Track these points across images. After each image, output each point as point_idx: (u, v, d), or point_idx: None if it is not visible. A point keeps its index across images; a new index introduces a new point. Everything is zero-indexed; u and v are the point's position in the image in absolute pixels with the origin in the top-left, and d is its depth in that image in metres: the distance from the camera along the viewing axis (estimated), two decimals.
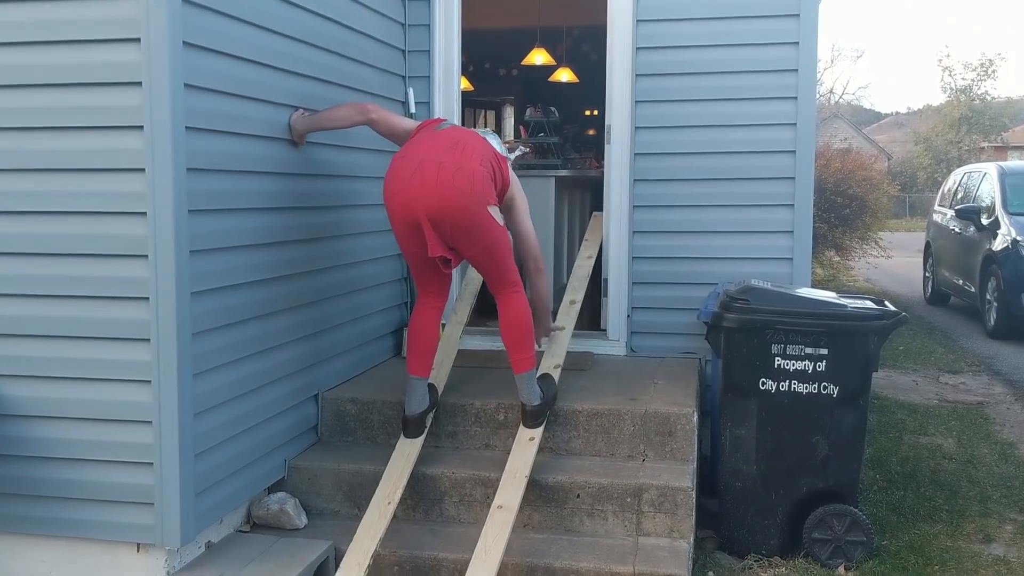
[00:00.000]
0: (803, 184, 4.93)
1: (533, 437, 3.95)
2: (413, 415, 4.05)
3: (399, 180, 3.71)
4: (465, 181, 3.66)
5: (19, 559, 3.53)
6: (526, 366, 3.98)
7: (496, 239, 3.80)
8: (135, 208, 3.24)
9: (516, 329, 3.97)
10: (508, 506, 3.60)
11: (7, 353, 3.38)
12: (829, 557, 3.96)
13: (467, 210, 3.66)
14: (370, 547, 3.52)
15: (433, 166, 3.67)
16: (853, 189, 12.41)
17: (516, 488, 3.69)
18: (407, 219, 3.70)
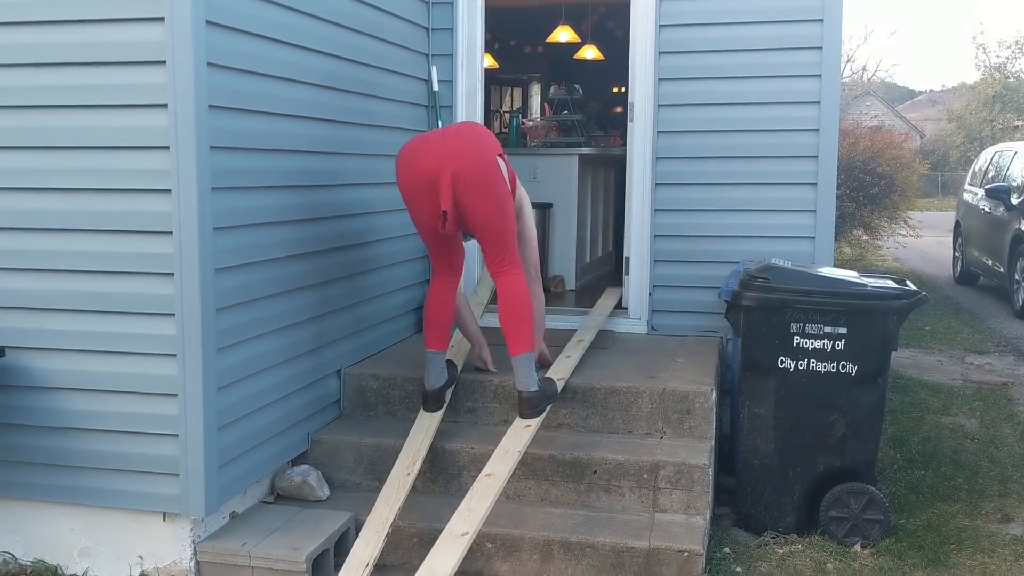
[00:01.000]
0: (826, 162, 4.91)
1: (529, 425, 3.88)
2: (433, 389, 4.10)
3: (410, 148, 3.85)
4: (473, 135, 3.84)
5: (50, 527, 3.63)
6: (524, 346, 3.88)
7: (504, 198, 3.84)
8: (160, 185, 3.30)
9: (514, 309, 3.90)
10: (496, 474, 3.60)
11: (37, 327, 3.47)
12: (846, 535, 3.97)
13: (478, 157, 3.75)
14: (388, 516, 3.56)
15: (439, 134, 3.89)
16: (882, 168, 12.27)
17: (506, 461, 3.66)
18: (422, 174, 3.76)
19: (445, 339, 4.11)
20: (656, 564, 3.56)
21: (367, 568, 3.28)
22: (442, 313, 4.09)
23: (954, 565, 3.79)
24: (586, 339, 4.78)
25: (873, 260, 14.17)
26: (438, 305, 4.09)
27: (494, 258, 3.93)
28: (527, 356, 3.89)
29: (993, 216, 10.99)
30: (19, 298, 3.47)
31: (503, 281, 3.94)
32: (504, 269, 3.94)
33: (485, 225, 3.86)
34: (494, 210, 3.82)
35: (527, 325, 3.91)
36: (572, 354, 4.53)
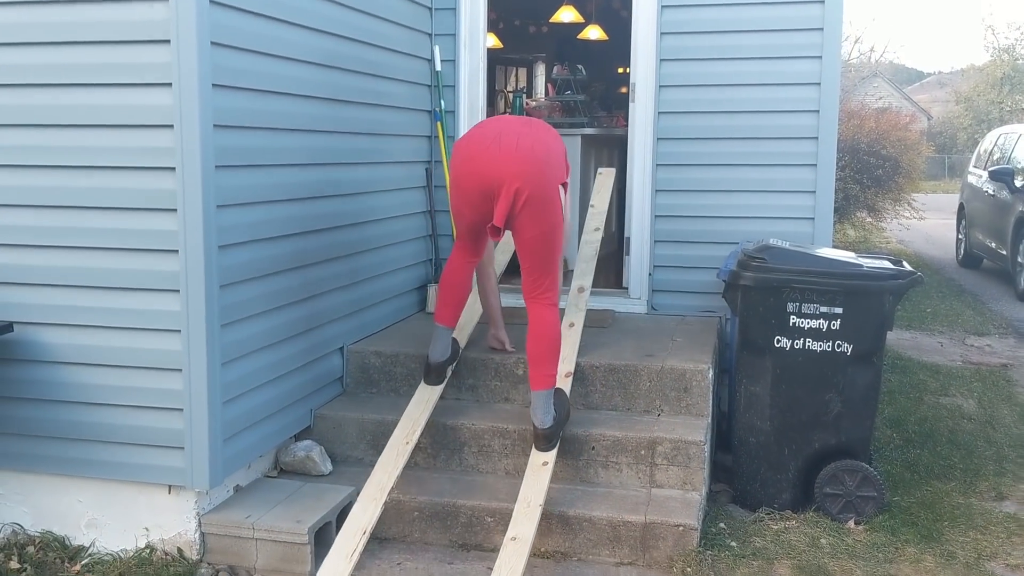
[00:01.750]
0: (826, 143, 4.93)
1: (547, 462, 3.76)
2: (436, 362, 4.11)
3: (476, 146, 3.66)
4: (543, 152, 3.65)
5: (58, 499, 3.70)
6: (545, 384, 3.78)
7: (557, 224, 3.69)
8: (165, 163, 3.35)
9: (543, 343, 3.78)
10: (522, 538, 3.41)
11: (44, 302, 3.53)
12: (840, 512, 4.03)
13: (544, 181, 3.60)
14: (387, 483, 3.59)
15: (513, 136, 3.64)
16: (887, 150, 12.26)
17: (530, 519, 3.50)
18: (483, 185, 3.61)
19: (456, 317, 4.11)
20: (652, 538, 3.63)
21: (364, 535, 3.34)
22: (460, 291, 4.04)
23: (947, 541, 3.84)
24: (586, 285, 4.77)
25: (877, 242, 14.19)
26: (457, 283, 4.03)
27: (532, 283, 3.80)
28: (547, 394, 3.79)
29: (997, 199, 10.99)
30: (26, 274, 3.53)
31: (538, 312, 3.81)
32: (540, 298, 3.81)
33: (531, 249, 3.74)
34: (545, 236, 3.70)
35: (553, 363, 3.81)
36: (576, 320, 4.49)
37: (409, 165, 5.15)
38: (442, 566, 3.65)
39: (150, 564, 3.53)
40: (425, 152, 5.32)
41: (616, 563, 3.66)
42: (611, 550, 3.67)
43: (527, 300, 3.84)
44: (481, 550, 3.76)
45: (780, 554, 3.70)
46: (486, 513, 3.78)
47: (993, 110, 36.20)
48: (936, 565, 3.64)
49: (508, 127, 3.73)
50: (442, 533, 3.82)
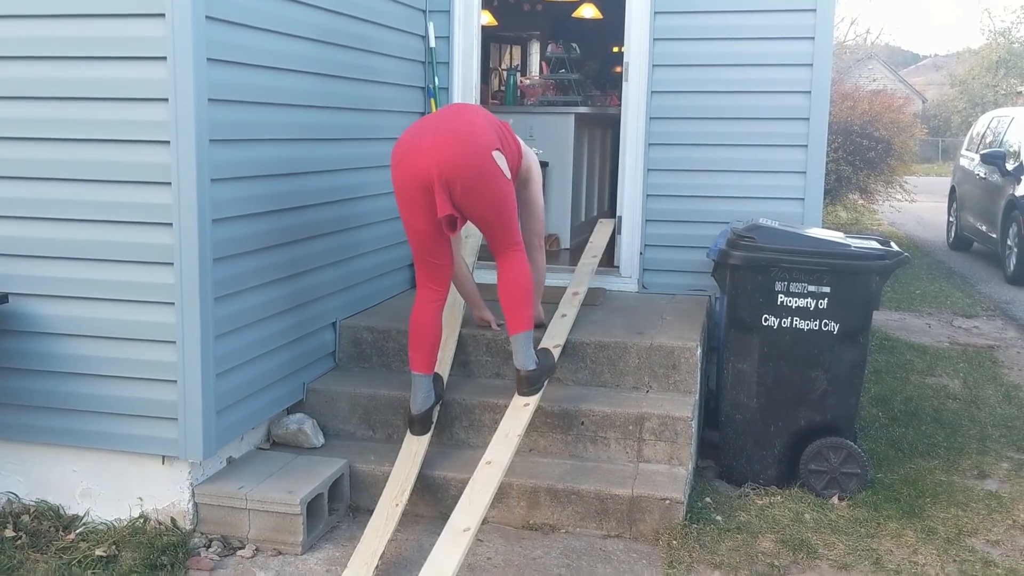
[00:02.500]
0: (817, 124, 4.97)
1: (528, 403, 3.83)
2: (420, 413, 3.93)
3: (404, 146, 3.67)
4: (464, 128, 3.64)
5: (52, 469, 3.74)
6: (523, 326, 3.83)
7: (504, 192, 3.71)
8: (159, 136, 3.37)
9: (515, 287, 3.84)
10: (497, 462, 3.53)
11: (39, 274, 3.55)
12: (824, 488, 4.10)
13: (472, 156, 3.59)
14: (378, 548, 3.39)
15: (432, 129, 3.65)
16: (880, 132, 12.30)
17: (507, 446, 3.60)
18: (415, 180, 3.59)
19: (432, 362, 3.95)
20: (639, 511, 3.69)
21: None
22: (430, 334, 3.91)
23: (928, 517, 3.91)
24: (580, 291, 4.78)
25: (868, 224, 14.25)
26: (425, 325, 3.90)
27: (496, 241, 3.85)
28: (526, 335, 3.84)
29: (988, 182, 11.05)
30: (21, 246, 3.55)
31: (504, 259, 3.85)
32: (505, 248, 3.85)
33: (485, 220, 3.77)
34: (494, 204, 3.71)
35: (527, 305, 3.85)
36: (568, 312, 4.52)
37: None
38: (432, 537, 3.68)
39: (144, 533, 3.58)
40: None
41: (603, 536, 3.72)
42: (598, 523, 3.73)
43: (493, 253, 3.88)
44: None
45: (764, 528, 3.76)
46: None
47: (988, 93, 36.23)
48: (917, 540, 3.70)
49: (430, 123, 3.71)
50: (432, 506, 3.88)
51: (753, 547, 3.62)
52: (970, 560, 3.57)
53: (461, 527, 3.28)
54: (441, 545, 3.22)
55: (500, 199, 3.72)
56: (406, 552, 3.59)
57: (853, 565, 3.51)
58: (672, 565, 3.46)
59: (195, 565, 3.44)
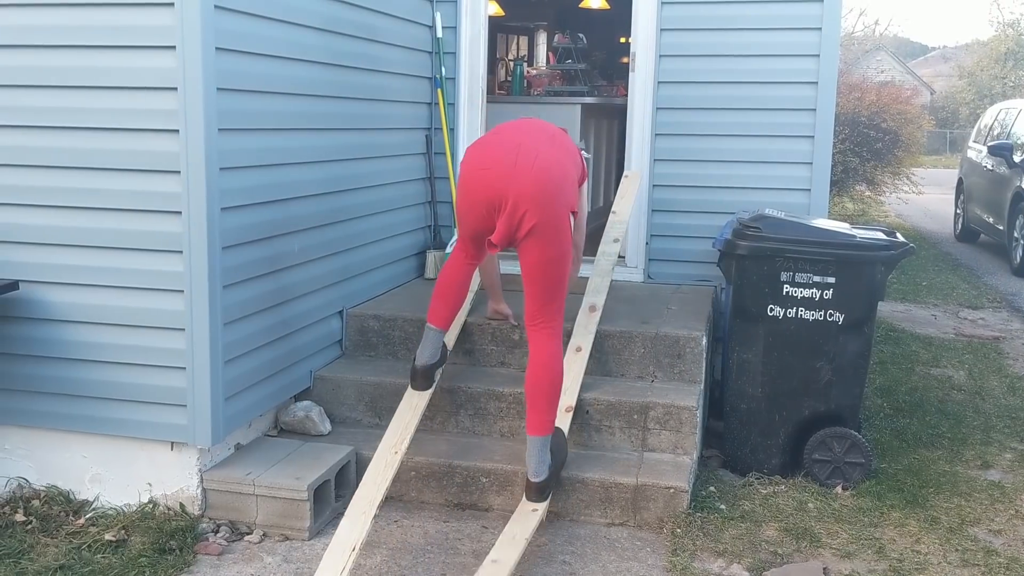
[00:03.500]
0: (824, 115, 4.97)
1: (536, 509, 3.55)
2: (424, 366, 3.87)
3: (491, 156, 3.45)
4: (560, 177, 3.43)
5: (63, 454, 3.78)
6: (542, 430, 3.52)
7: (564, 252, 3.47)
8: (169, 125, 3.39)
9: (543, 383, 3.52)
10: (503, 561, 3.24)
11: (49, 261, 3.58)
12: (828, 477, 4.12)
13: (554, 209, 3.39)
14: (375, 497, 3.39)
15: (532, 152, 3.42)
16: (887, 123, 12.28)
17: (514, 547, 3.32)
18: (490, 197, 3.40)
19: (451, 319, 3.88)
20: (643, 499, 3.71)
21: (353, 551, 3.14)
22: (458, 293, 3.83)
23: (931, 507, 3.93)
24: (599, 304, 4.43)
25: (875, 215, 14.23)
26: (455, 283, 3.81)
27: (535, 309, 3.55)
28: (543, 441, 3.53)
29: (995, 173, 11.02)
30: (32, 233, 3.58)
31: (538, 343, 3.56)
32: (543, 327, 3.55)
33: (535, 275, 3.50)
34: (551, 262, 3.46)
35: (552, 407, 3.54)
36: (584, 343, 4.20)
37: (409, 131, 5.18)
38: (438, 524, 3.74)
39: (153, 518, 3.62)
40: (425, 119, 5.35)
41: (607, 524, 3.75)
42: (602, 511, 3.76)
43: (528, 327, 3.59)
44: (476, 509, 3.85)
45: (768, 517, 3.79)
46: (481, 474, 3.86)
47: (996, 85, 36.09)
48: (920, 529, 3.72)
49: (529, 140, 3.49)
50: (438, 493, 3.91)
51: (757, 535, 3.64)
52: (972, 549, 3.59)
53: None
54: None
55: (558, 257, 3.46)
56: (412, 539, 3.62)
57: (856, 554, 3.53)
58: (676, 553, 3.49)
59: (203, 550, 3.48)
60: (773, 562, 3.46)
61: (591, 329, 4.28)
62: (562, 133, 3.79)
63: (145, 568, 3.29)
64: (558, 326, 3.59)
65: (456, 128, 5.47)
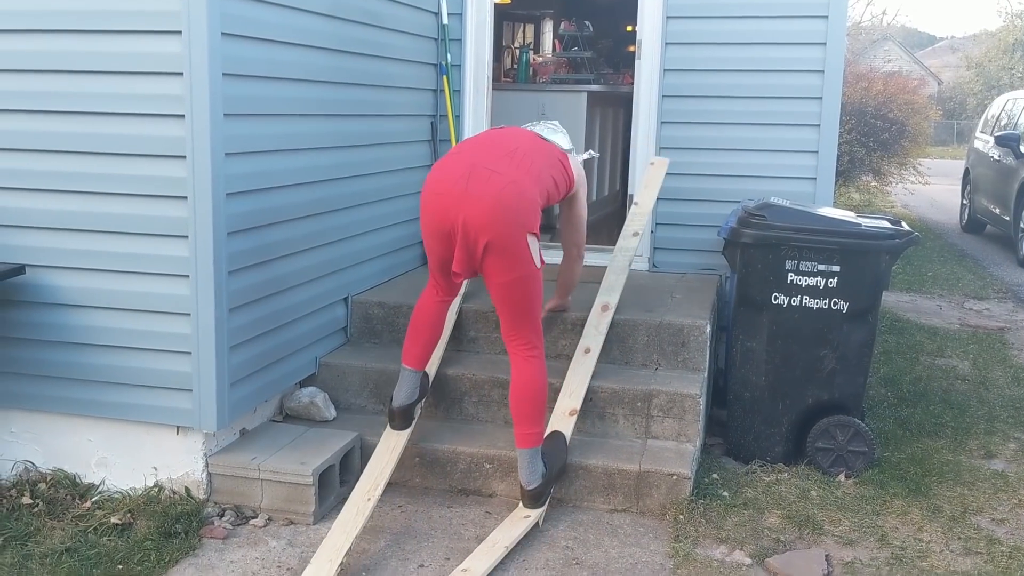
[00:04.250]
0: (830, 104, 4.96)
1: (529, 516, 3.55)
2: (402, 407, 3.79)
3: (444, 180, 3.40)
4: (513, 199, 3.34)
5: (69, 438, 3.80)
6: (530, 442, 3.55)
7: (527, 275, 3.42)
8: (174, 111, 3.39)
9: (526, 402, 3.54)
10: (473, 571, 3.20)
11: (55, 246, 3.60)
12: (831, 465, 4.12)
13: (507, 232, 3.32)
14: (342, 546, 3.26)
15: (484, 173, 3.36)
16: (894, 113, 12.24)
17: (490, 556, 3.28)
18: (442, 224, 3.38)
19: (426, 359, 3.83)
20: (645, 486, 3.73)
21: None
22: (430, 331, 3.78)
23: (934, 496, 3.94)
24: (612, 302, 4.34)
25: (881, 206, 14.20)
26: (427, 321, 3.77)
27: (510, 326, 3.56)
28: (532, 452, 3.55)
29: (1002, 164, 10.99)
30: (38, 218, 3.59)
31: (517, 364, 3.56)
32: (518, 347, 3.56)
33: (501, 297, 3.48)
34: (515, 284, 3.43)
35: (537, 421, 3.56)
36: (592, 344, 4.15)
37: (414, 119, 5.18)
38: (441, 509, 3.76)
39: (158, 502, 3.64)
40: (430, 106, 5.35)
41: (610, 510, 3.76)
42: (605, 497, 3.77)
43: (507, 344, 3.59)
44: (480, 495, 3.87)
45: (770, 504, 3.80)
46: (485, 460, 3.88)
47: (1004, 76, 35.95)
48: (922, 518, 3.73)
49: (484, 160, 3.42)
50: (442, 479, 3.92)
51: (759, 523, 3.65)
52: (975, 538, 3.59)
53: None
54: None
55: (521, 280, 3.42)
56: (415, 523, 3.64)
57: (858, 541, 3.54)
58: (678, 539, 3.50)
59: (208, 533, 3.50)
60: (775, 549, 3.47)
61: (602, 330, 4.23)
62: (531, 143, 3.66)
63: (151, 551, 3.32)
64: (535, 343, 3.57)
65: (461, 115, 5.47)
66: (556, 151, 3.80)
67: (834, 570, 3.35)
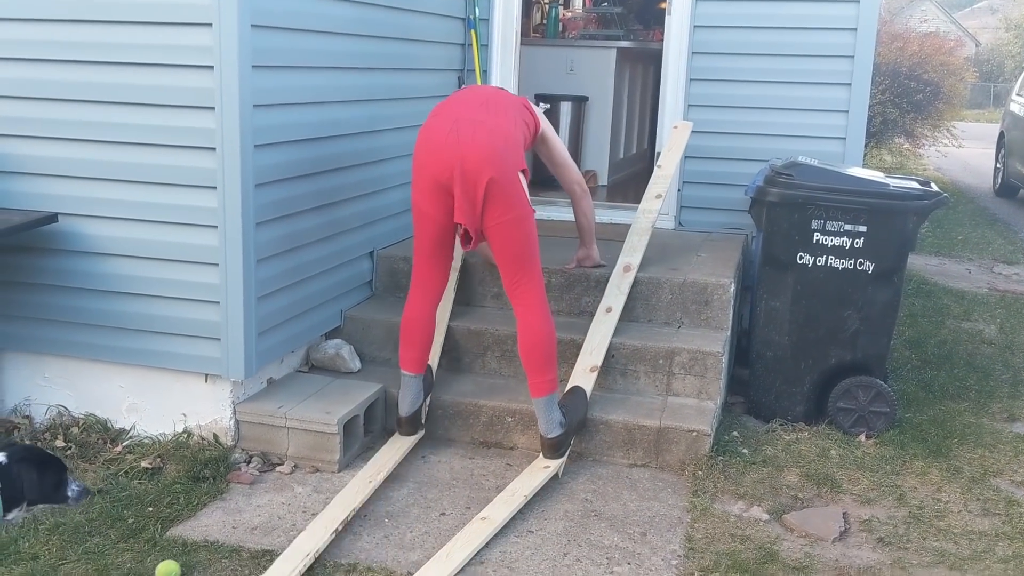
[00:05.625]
0: (862, 63, 4.89)
1: (548, 466, 3.60)
2: (408, 415, 3.80)
3: (434, 140, 3.47)
4: (501, 142, 3.46)
5: (101, 384, 3.89)
6: (544, 390, 3.59)
7: (525, 215, 3.51)
8: (203, 62, 3.41)
9: (534, 351, 3.59)
10: (492, 519, 3.25)
11: (87, 195, 3.65)
12: (852, 426, 4.13)
13: (502, 172, 3.42)
14: (339, 516, 3.21)
15: (469, 125, 3.46)
16: (928, 74, 12.01)
17: (508, 505, 3.33)
18: (441, 176, 3.43)
19: (425, 360, 3.81)
20: (665, 442, 3.76)
21: (308, 557, 2.97)
22: (423, 331, 3.76)
23: (954, 457, 3.95)
24: (634, 263, 4.34)
25: (913, 168, 14.01)
26: (418, 322, 3.74)
27: (511, 281, 3.60)
28: (548, 399, 3.59)
29: None
30: (70, 167, 3.65)
31: (522, 315, 3.62)
32: (522, 296, 3.60)
33: (502, 243, 3.54)
34: (514, 224, 3.50)
35: (548, 369, 3.59)
36: (614, 304, 4.17)
37: (441, 73, 5.17)
38: (463, 460, 3.82)
39: (187, 448, 3.72)
40: (458, 60, 5.33)
41: (629, 464, 3.80)
42: (625, 452, 3.82)
43: (510, 299, 3.65)
44: (501, 448, 3.92)
45: (790, 462, 3.82)
46: (507, 413, 3.92)
47: None
48: (942, 479, 3.75)
49: (465, 113, 3.52)
50: (464, 431, 3.98)
51: (778, 480, 3.68)
52: (994, 499, 3.60)
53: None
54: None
55: (520, 219, 3.51)
56: (438, 473, 3.70)
57: (876, 500, 3.57)
58: (696, 494, 3.54)
59: (236, 479, 3.58)
60: (793, 506, 3.50)
61: (623, 290, 4.25)
62: (495, 93, 3.79)
63: (180, 495, 3.40)
64: (538, 290, 3.61)
65: (489, 70, 5.45)
66: (518, 98, 3.93)
67: (851, 527, 3.37)
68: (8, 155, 3.69)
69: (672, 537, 3.26)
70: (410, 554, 3.10)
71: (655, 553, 3.16)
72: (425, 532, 3.25)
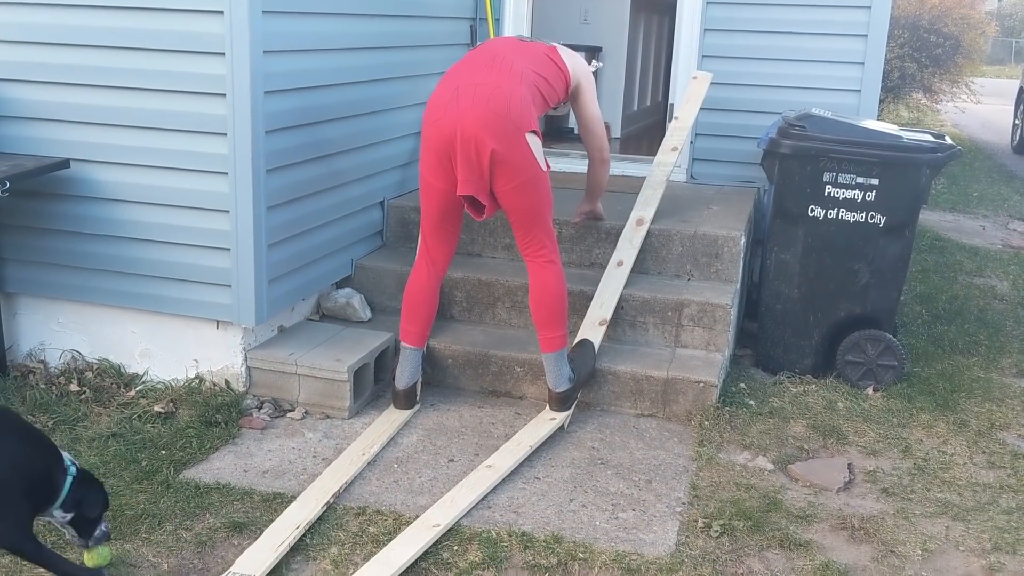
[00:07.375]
0: (879, 13, 4.81)
1: (555, 418, 3.64)
2: (406, 388, 3.75)
3: (437, 108, 3.40)
4: (502, 102, 3.34)
5: (114, 329, 3.93)
6: (554, 346, 3.61)
7: (534, 177, 3.43)
8: (213, 6, 3.39)
9: (545, 308, 3.60)
10: (497, 467, 3.31)
11: (99, 140, 3.66)
12: (860, 379, 4.15)
13: (504, 134, 3.32)
14: (331, 487, 3.16)
15: (469, 89, 3.37)
16: (948, 28, 11.79)
17: (513, 454, 3.39)
18: (444, 147, 3.37)
19: (426, 335, 3.80)
20: (672, 392, 3.78)
21: (297, 529, 2.91)
22: (427, 306, 3.74)
23: (961, 411, 3.96)
24: (647, 216, 4.33)
25: (930, 124, 13.84)
26: (423, 295, 3.71)
27: (524, 240, 3.58)
28: (558, 355, 3.63)
29: None
30: (83, 112, 3.65)
31: (534, 272, 3.61)
32: (534, 257, 3.59)
33: (512, 201, 3.47)
34: (524, 187, 3.43)
35: (558, 325, 3.61)
36: (625, 257, 4.17)
37: (454, 21, 5.12)
38: (472, 409, 3.86)
39: (199, 393, 3.77)
40: (470, 8, 5.27)
41: (637, 414, 3.83)
42: (633, 402, 3.84)
43: (524, 257, 3.64)
44: (510, 397, 3.95)
45: (796, 414, 3.85)
46: (516, 363, 3.95)
47: None
48: (948, 431, 3.76)
49: (467, 78, 3.43)
50: (474, 380, 4.01)
51: (784, 431, 3.70)
52: (999, 452, 3.62)
53: (431, 523, 2.97)
54: (402, 538, 2.88)
55: (530, 183, 3.43)
56: (447, 421, 3.74)
57: (882, 452, 3.59)
58: (703, 443, 3.57)
59: (247, 424, 3.63)
60: (799, 457, 3.53)
61: (635, 244, 4.24)
62: (506, 48, 3.63)
63: (192, 439, 3.45)
64: (550, 250, 3.60)
65: (501, 18, 5.39)
66: (541, 46, 3.75)
67: (855, 478, 3.40)
68: (19, 100, 3.70)
69: (677, 485, 3.30)
70: (419, 498, 3.15)
71: (660, 500, 3.19)
72: (434, 477, 3.30)
